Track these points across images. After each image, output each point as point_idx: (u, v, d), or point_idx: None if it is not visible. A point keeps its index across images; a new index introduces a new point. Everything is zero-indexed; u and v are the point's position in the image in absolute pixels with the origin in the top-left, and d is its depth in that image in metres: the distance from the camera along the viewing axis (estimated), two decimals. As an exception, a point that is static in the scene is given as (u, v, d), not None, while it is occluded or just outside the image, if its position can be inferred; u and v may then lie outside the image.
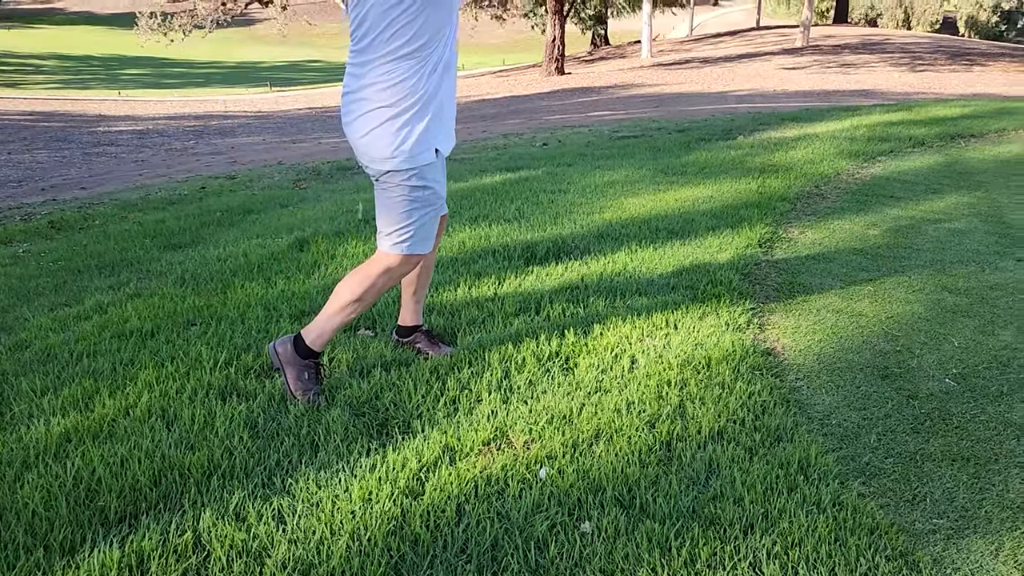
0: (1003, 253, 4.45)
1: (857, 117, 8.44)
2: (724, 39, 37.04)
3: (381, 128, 2.59)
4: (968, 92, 19.30)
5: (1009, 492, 2.43)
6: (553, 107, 17.03)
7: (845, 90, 19.62)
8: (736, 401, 2.81)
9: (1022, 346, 3.36)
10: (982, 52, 31.48)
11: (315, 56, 52.59)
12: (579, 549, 2.10)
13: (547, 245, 4.41)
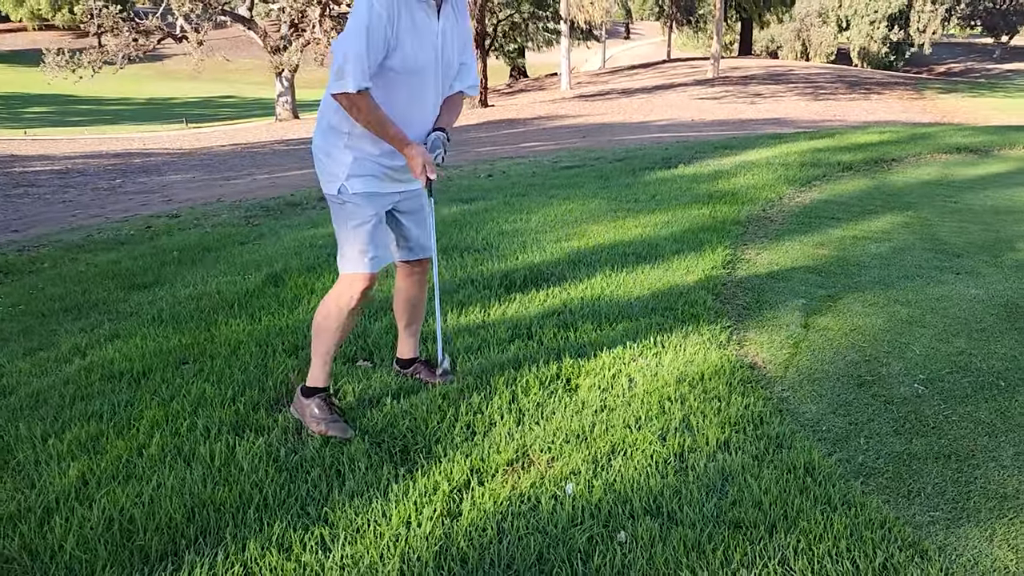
0: (942, 268, 4.81)
1: (786, 145, 8.91)
2: (639, 71, 38.24)
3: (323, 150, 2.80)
4: (870, 119, 20.46)
5: (991, 484, 2.65)
6: (483, 139, 17.28)
7: (759, 119, 20.53)
8: (735, 413, 2.99)
9: (977, 351, 3.65)
10: (877, 82, 33.40)
11: (229, 92, 51.81)
12: (620, 558, 2.21)
13: (523, 273, 4.55)
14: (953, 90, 31.59)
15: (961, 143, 8.62)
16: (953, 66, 73.12)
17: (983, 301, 4.26)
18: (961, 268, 4.79)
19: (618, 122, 20.42)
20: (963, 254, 5.06)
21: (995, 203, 6.32)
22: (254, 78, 58.15)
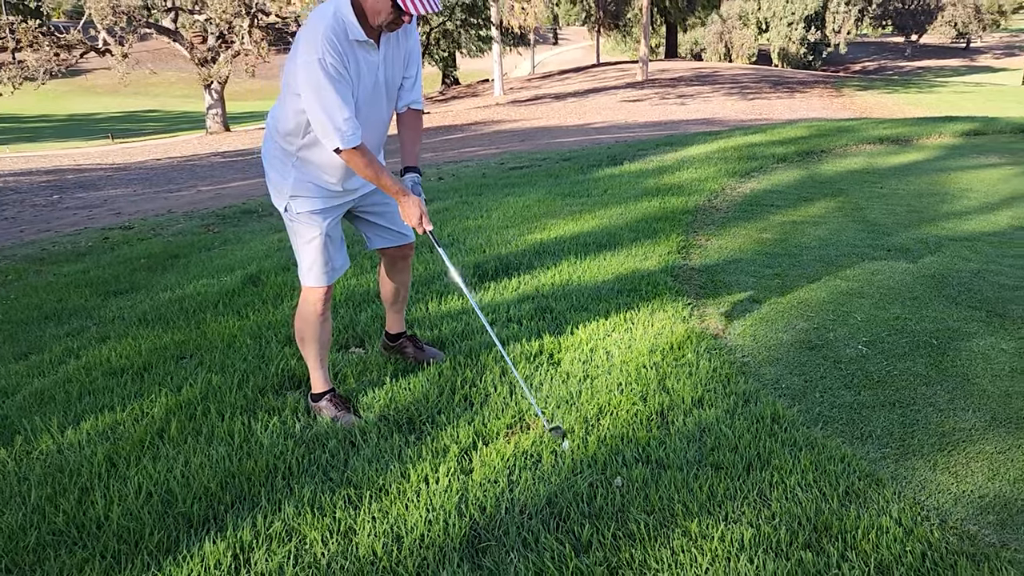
0: (874, 245, 5.25)
1: (722, 140, 9.38)
2: (570, 76, 38.88)
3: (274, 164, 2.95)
4: (795, 116, 21.34)
5: (930, 425, 3.03)
6: (424, 145, 17.48)
7: (690, 119, 21.21)
8: (704, 375, 3.31)
9: (911, 316, 4.06)
10: (799, 81, 34.67)
11: (153, 106, 50.78)
12: (620, 498, 2.50)
13: (494, 264, 4.82)
14: (870, 87, 32.98)
15: (883, 134, 9.23)
16: (868, 64, 76.20)
17: (913, 273, 4.69)
18: (891, 245, 5.24)
19: (555, 125, 20.86)
20: (892, 233, 5.52)
21: (917, 187, 6.85)
22: (179, 91, 57.06)
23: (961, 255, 5.01)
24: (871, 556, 2.22)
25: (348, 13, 2.63)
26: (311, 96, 2.60)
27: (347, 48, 2.63)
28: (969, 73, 65.20)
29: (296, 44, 2.65)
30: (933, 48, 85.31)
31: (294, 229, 2.99)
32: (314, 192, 2.92)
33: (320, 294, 3.04)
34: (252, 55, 30.13)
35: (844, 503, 2.46)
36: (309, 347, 3.11)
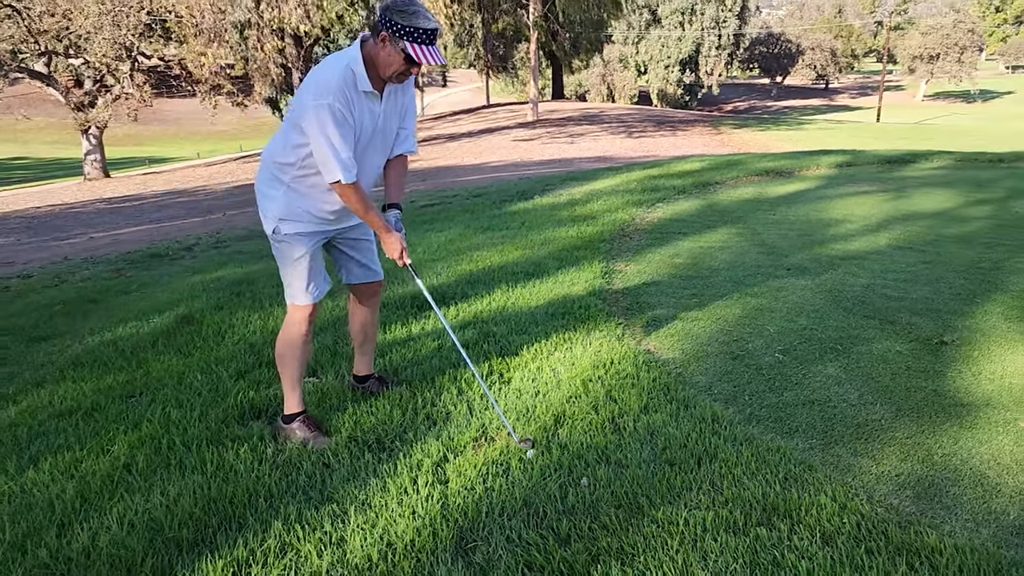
0: (775, 265, 5.73)
1: (623, 175, 9.90)
2: (461, 117, 39.55)
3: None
4: (680, 152, 22.45)
5: (846, 418, 3.40)
6: (324, 187, 17.48)
7: (582, 156, 22.01)
8: (646, 385, 3.59)
9: (816, 327, 4.48)
10: (680, 119, 36.47)
11: (22, 152, 48.47)
12: (589, 495, 2.73)
13: (430, 294, 4.99)
14: (744, 125, 35.02)
15: (768, 167, 9.96)
16: (739, 104, 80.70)
17: (812, 289, 5.16)
18: (790, 265, 5.72)
19: (453, 165, 21.21)
20: (789, 254, 6.03)
21: (805, 214, 7.46)
22: (49, 137, 54.65)
23: (851, 272, 5.54)
24: (815, 528, 2.51)
25: (359, 66, 2.88)
26: (318, 134, 2.83)
27: (355, 96, 2.88)
28: (829, 111, 69.93)
29: (307, 85, 2.87)
30: (796, 88, 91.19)
31: (281, 250, 3.14)
32: (302, 217, 3.10)
33: (306, 313, 3.19)
34: (134, 99, 29.34)
35: (785, 487, 2.77)
36: (289, 368, 3.22)
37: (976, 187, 8.55)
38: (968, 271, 5.51)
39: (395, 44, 2.85)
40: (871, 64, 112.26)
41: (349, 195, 2.96)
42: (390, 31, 2.83)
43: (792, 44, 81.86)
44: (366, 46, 2.92)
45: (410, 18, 2.82)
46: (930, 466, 3.02)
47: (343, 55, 2.92)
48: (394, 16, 2.82)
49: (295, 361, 3.21)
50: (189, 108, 55.05)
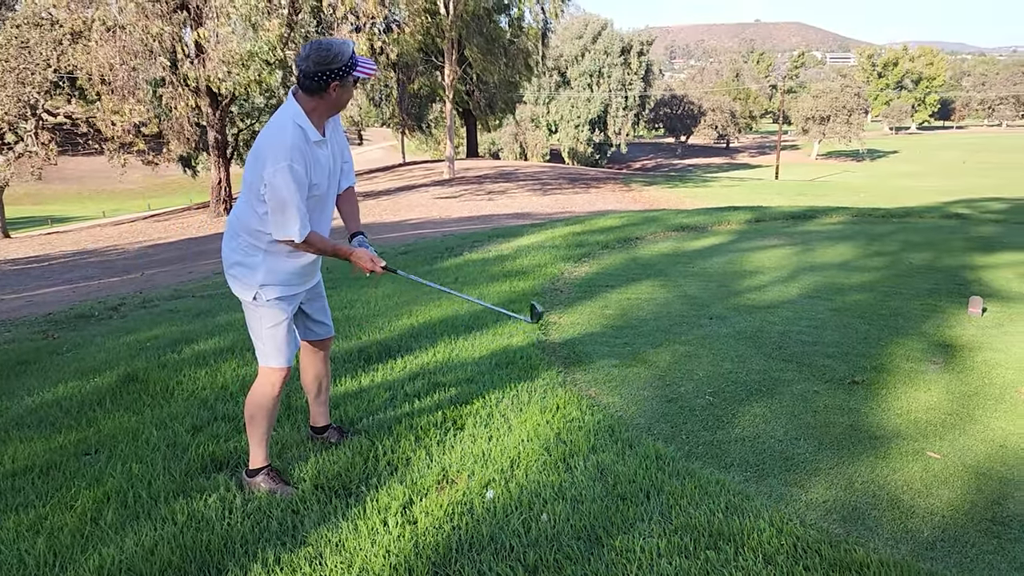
0: (699, 315, 6.11)
1: (548, 231, 10.28)
2: (377, 175, 39.79)
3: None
4: (594, 209, 23.20)
5: (775, 452, 3.71)
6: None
7: (500, 213, 22.48)
8: (591, 428, 3.83)
9: (740, 370, 4.83)
10: (593, 177, 37.64)
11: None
12: (549, 529, 2.93)
13: (375, 347, 5.15)
14: (653, 183, 36.42)
15: (683, 223, 10.52)
16: (647, 162, 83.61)
17: (734, 336, 5.54)
18: (712, 314, 6.12)
19: (373, 222, 21.34)
20: (710, 304, 6.43)
21: (721, 266, 7.95)
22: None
23: (767, 320, 5.96)
24: (758, 550, 2.78)
25: (303, 119, 3.03)
26: (275, 198, 2.95)
27: (307, 149, 3.03)
28: (731, 169, 73.16)
29: (261, 153, 2.98)
30: (700, 147, 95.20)
31: (260, 315, 3.24)
32: (283, 280, 3.23)
33: (282, 375, 3.31)
34: (38, 157, 28.51)
35: (728, 515, 3.03)
36: (258, 425, 3.32)
37: (872, 240, 9.25)
38: (871, 317, 6.01)
39: (346, 83, 3.05)
40: (768, 124, 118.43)
41: (313, 242, 3.13)
42: (338, 79, 3.03)
43: (694, 105, 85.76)
44: (302, 100, 3.07)
45: (342, 56, 2.99)
46: (852, 492, 3.35)
47: (285, 114, 3.06)
48: (331, 66, 2.99)
49: (265, 421, 3.32)
50: (94, 166, 53.59)
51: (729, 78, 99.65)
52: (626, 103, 72.84)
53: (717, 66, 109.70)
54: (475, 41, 33.11)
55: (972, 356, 5.09)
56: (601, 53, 70.85)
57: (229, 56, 22.43)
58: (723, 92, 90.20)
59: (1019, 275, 7.44)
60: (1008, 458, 3.68)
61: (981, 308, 6.15)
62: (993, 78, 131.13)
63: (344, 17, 23.36)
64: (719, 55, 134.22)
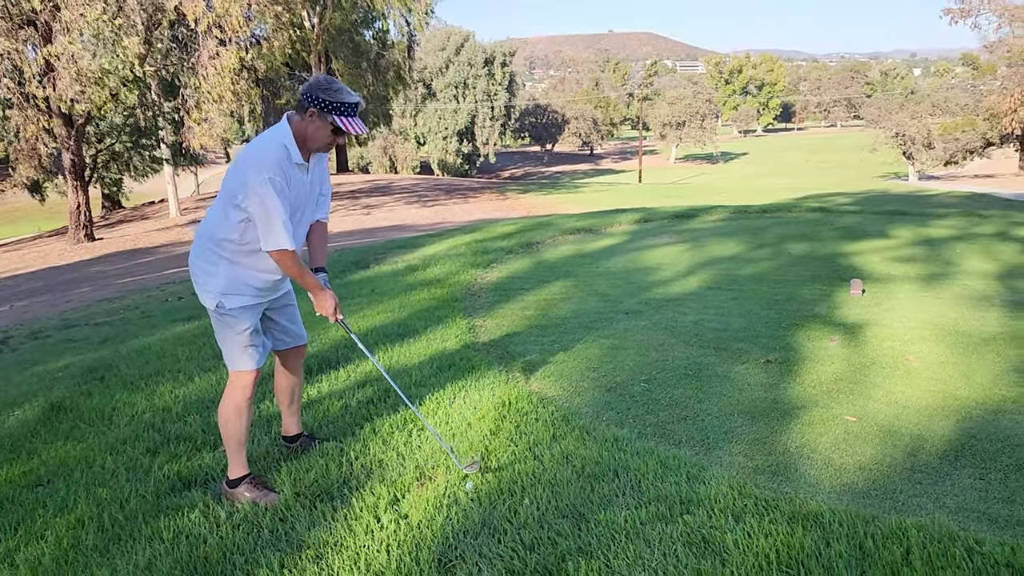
0: (614, 311, 6.45)
1: (450, 240, 10.44)
2: (246, 192, 38.65)
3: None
4: (475, 219, 23.47)
5: (714, 428, 4.05)
6: (118, 271, 16.53)
7: (382, 227, 22.37)
8: (547, 418, 4.05)
9: (666, 358, 5.18)
10: (468, 187, 37.97)
11: None
12: (534, 510, 3.13)
13: (314, 360, 5.18)
14: (527, 190, 37.08)
15: (578, 226, 10.94)
16: (515, 171, 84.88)
17: (652, 328, 5.91)
18: (626, 309, 6.47)
19: (252, 241, 20.80)
20: (622, 300, 6.79)
21: (623, 265, 8.36)
22: None
23: (678, 311, 6.37)
24: (726, 510, 3.07)
25: (290, 141, 3.13)
26: (259, 208, 3.02)
27: (289, 169, 3.13)
28: (596, 175, 75.33)
29: (245, 163, 3.06)
30: (565, 155, 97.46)
31: (225, 323, 3.28)
32: (244, 291, 3.27)
33: (251, 378, 3.35)
34: None
35: (692, 484, 3.32)
36: (233, 433, 3.34)
37: (753, 234, 9.95)
38: (769, 303, 6.53)
39: (323, 118, 3.17)
40: (628, 131, 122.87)
41: (287, 260, 3.20)
42: (318, 107, 3.15)
43: (558, 114, 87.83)
44: (293, 122, 3.21)
45: (335, 94, 3.15)
46: (789, 456, 3.72)
47: (275, 132, 3.19)
48: (320, 94, 3.14)
49: (240, 426, 3.36)
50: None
51: (589, 87, 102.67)
52: (492, 113, 73.85)
53: (577, 76, 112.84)
54: (342, 54, 32.83)
55: (862, 331, 5.66)
56: (465, 64, 71.56)
57: (82, 74, 21.32)
58: (584, 101, 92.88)
59: (885, 259, 8.24)
60: (911, 416, 4.17)
61: (861, 289, 6.80)
62: (826, 82, 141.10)
63: (208, 31, 22.63)
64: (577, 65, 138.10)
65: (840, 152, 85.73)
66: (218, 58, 22.91)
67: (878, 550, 2.74)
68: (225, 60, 22.99)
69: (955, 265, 7.83)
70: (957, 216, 11.47)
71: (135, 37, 22.12)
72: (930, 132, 49.69)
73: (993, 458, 3.67)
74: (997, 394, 4.42)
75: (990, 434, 3.91)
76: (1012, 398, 4.36)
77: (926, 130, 49.79)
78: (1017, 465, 3.59)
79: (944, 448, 3.78)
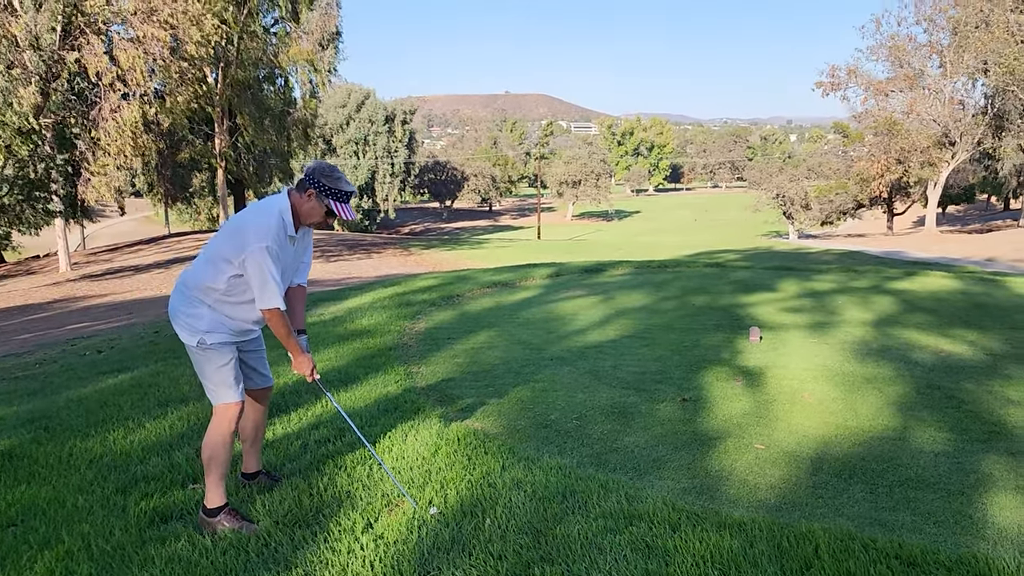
0: (540, 358, 6.93)
1: (371, 293, 10.73)
2: (142, 248, 37.56)
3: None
4: (381, 274, 23.73)
5: (645, 457, 4.55)
6: (13, 327, 15.92)
7: (289, 281, 22.30)
8: (495, 452, 4.45)
9: (591, 399, 5.68)
10: (371, 243, 38.14)
11: None
12: (498, 528, 3.52)
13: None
14: (431, 246, 37.58)
15: (494, 280, 11.45)
16: (415, 227, 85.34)
17: (576, 372, 6.41)
18: (551, 356, 6.97)
19: (155, 296, 20.39)
20: (545, 348, 7.29)
21: (542, 316, 8.89)
22: None
23: (598, 358, 6.91)
24: (665, 522, 3.53)
25: (288, 215, 3.54)
26: (256, 271, 3.43)
27: (283, 239, 3.53)
28: (496, 231, 76.61)
29: (247, 228, 3.43)
30: (465, 211, 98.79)
31: (208, 357, 3.59)
32: (223, 330, 3.61)
33: (235, 410, 3.63)
34: None
35: (631, 502, 3.78)
36: (216, 464, 3.60)
37: (657, 287, 10.70)
38: (678, 349, 7.16)
39: (320, 200, 3.59)
40: (525, 188, 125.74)
41: (277, 320, 3.57)
42: (317, 189, 3.57)
43: (457, 171, 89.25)
44: (292, 196, 3.61)
45: (335, 182, 3.59)
46: (710, 479, 4.25)
47: (275, 203, 3.57)
48: (321, 178, 3.57)
49: (223, 458, 3.63)
50: None
51: (488, 145, 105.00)
52: (392, 170, 74.46)
53: (475, 134, 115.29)
54: (247, 110, 32.78)
55: (763, 373, 6.33)
56: (366, 121, 72.16)
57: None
58: (483, 159, 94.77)
59: (777, 309, 9.08)
60: (810, 443, 4.79)
61: (759, 336, 7.53)
62: (711, 145, 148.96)
63: (111, 85, 22.36)
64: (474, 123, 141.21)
65: (726, 211, 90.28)
66: (119, 112, 22.62)
67: (793, 548, 3.26)
68: (127, 114, 22.72)
69: (838, 315, 8.72)
70: (837, 271, 12.62)
71: (32, 87, 21.65)
72: (807, 194, 53.21)
73: (880, 476, 4.30)
74: (880, 424, 5.11)
75: (876, 456, 4.56)
76: (892, 427, 5.05)
77: (803, 192, 53.30)
78: (900, 481, 4.23)
79: (839, 468, 4.39)
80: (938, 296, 10.09)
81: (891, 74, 45.73)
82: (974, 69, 41.55)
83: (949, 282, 11.42)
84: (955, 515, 3.83)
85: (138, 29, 22.07)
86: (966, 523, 3.75)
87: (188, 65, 23.85)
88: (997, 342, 7.38)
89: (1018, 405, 5.48)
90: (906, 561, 3.18)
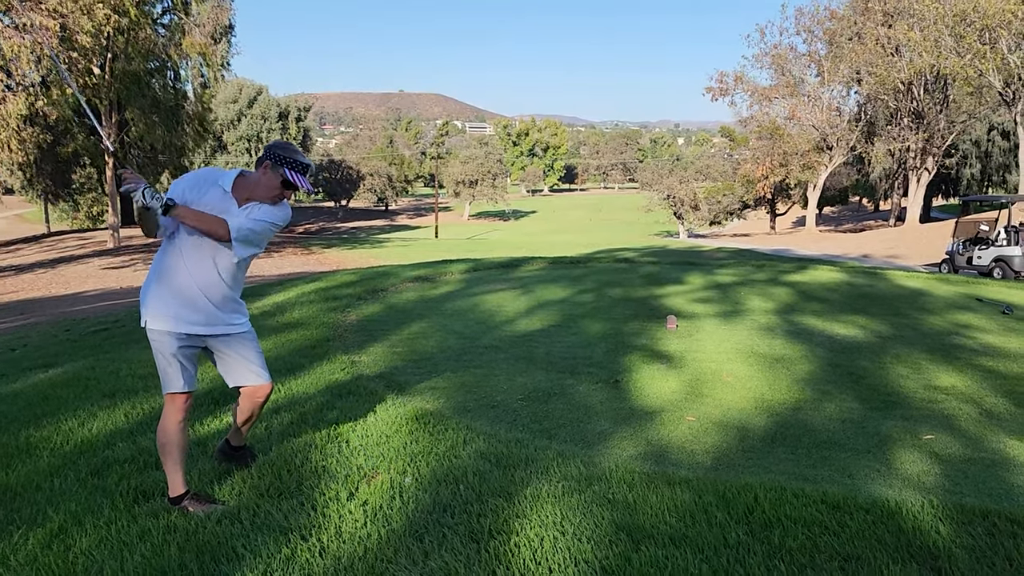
0: (476, 346, 7.25)
1: (295, 289, 10.76)
2: (20, 247, 35.68)
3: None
4: (285, 272, 23.50)
5: (589, 431, 4.96)
6: None
7: (189, 280, 21.75)
8: (453, 432, 4.75)
9: (531, 381, 6.05)
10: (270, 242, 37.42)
11: None
12: (471, 492, 3.84)
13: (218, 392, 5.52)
14: (331, 245, 37.28)
15: (415, 275, 11.70)
16: (310, 226, 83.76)
17: (512, 358, 6.78)
18: (486, 344, 7.31)
19: (45, 296, 19.56)
20: (479, 337, 7.63)
21: (470, 307, 9.21)
22: None
23: (530, 345, 7.30)
24: (622, 483, 3.93)
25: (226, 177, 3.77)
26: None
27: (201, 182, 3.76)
28: (393, 231, 76.15)
29: None
30: (360, 210, 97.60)
31: (154, 346, 3.67)
32: (163, 311, 3.62)
33: (181, 400, 3.70)
34: None
35: (587, 467, 4.16)
36: (171, 453, 3.69)
37: (574, 281, 11.20)
38: (603, 337, 7.64)
39: (275, 170, 3.74)
40: (422, 188, 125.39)
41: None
42: (273, 160, 3.74)
43: (353, 170, 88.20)
44: (248, 175, 3.77)
45: (290, 152, 3.75)
46: (652, 447, 4.69)
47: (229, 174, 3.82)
48: (276, 150, 3.74)
49: (175, 447, 3.69)
50: None
51: (383, 144, 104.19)
52: (287, 168, 72.89)
53: (370, 132, 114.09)
54: (137, 103, 31.64)
55: (684, 356, 6.87)
56: (259, 118, 70.51)
57: None
58: (379, 158, 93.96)
59: (688, 300, 9.72)
60: (735, 415, 5.31)
61: (676, 324, 8.10)
62: (604, 147, 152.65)
63: (-6, 75, 21.26)
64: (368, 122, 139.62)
65: (619, 211, 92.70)
66: (4, 103, 21.51)
67: (736, 498, 3.72)
68: (11, 106, 21.62)
69: (743, 304, 9.43)
70: (735, 266, 13.47)
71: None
72: (696, 195, 55.48)
73: (799, 439, 4.85)
74: (793, 397, 5.70)
75: (794, 424, 5.12)
76: (805, 399, 5.65)
77: (692, 193, 55.53)
78: (816, 443, 4.79)
79: (763, 435, 4.93)
80: (828, 287, 11.01)
81: (774, 81, 48.33)
82: (849, 78, 44.43)
83: (836, 275, 12.43)
84: (865, 469, 4.40)
85: (24, 16, 21.05)
86: (875, 475, 4.32)
87: (79, 56, 22.88)
88: (884, 326, 8.21)
89: (907, 379, 6.20)
90: (831, 505, 3.68)
